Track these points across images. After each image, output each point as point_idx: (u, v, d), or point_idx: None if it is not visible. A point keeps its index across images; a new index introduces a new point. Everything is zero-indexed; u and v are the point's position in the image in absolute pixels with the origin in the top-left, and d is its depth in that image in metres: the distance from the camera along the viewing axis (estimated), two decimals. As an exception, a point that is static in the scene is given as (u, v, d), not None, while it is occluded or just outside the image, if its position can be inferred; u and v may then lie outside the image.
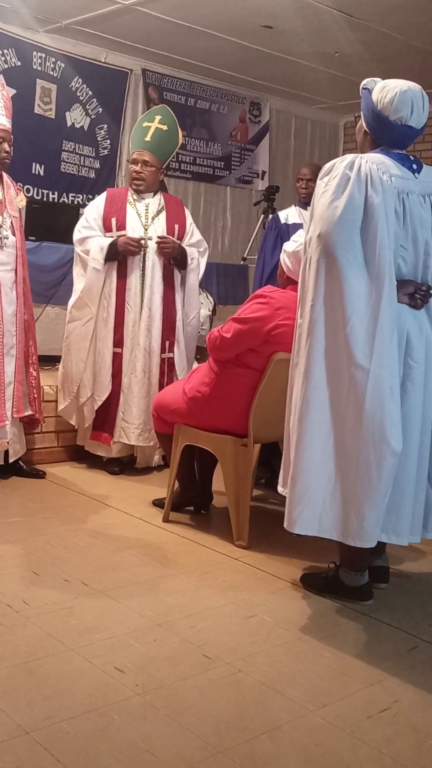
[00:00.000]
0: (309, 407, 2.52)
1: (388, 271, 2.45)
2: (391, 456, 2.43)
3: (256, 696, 2.11)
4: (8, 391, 3.92)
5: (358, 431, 2.45)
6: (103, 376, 4.23)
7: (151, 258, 4.22)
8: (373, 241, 2.45)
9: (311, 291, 2.51)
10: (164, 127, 4.29)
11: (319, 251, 2.47)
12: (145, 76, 7.09)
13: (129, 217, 4.24)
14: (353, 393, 2.46)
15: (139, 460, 4.39)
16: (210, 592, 2.79)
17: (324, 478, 2.53)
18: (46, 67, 6.36)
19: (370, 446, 2.44)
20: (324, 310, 2.50)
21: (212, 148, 7.74)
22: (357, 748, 1.90)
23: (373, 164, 2.49)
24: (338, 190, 2.46)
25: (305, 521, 2.55)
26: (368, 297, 2.45)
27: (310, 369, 2.52)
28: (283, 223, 5.43)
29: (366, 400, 2.43)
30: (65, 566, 2.95)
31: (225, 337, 3.20)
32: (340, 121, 8.80)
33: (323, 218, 2.46)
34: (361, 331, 2.44)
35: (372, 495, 2.46)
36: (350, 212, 2.43)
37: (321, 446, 2.52)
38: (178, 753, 1.84)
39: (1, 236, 3.88)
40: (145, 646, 2.35)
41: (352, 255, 2.44)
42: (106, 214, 4.25)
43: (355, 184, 2.45)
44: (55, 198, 6.47)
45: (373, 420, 2.43)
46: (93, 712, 1.99)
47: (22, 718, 1.94)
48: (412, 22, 5.62)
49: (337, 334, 2.48)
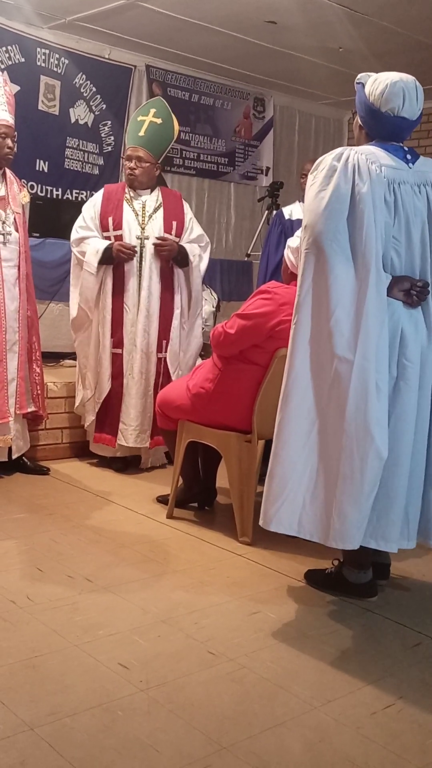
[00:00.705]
0: (289, 399, 2.48)
1: (375, 261, 2.39)
2: (376, 456, 2.36)
3: (260, 692, 2.11)
4: (11, 388, 3.92)
5: (341, 426, 2.39)
6: (102, 377, 4.22)
7: (148, 258, 4.17)
8: (360, 230, 2.41)
9: (299, 282, 2.49)
10: (158, 120, 4.22)
11: (306, 242, 2.46)
12: (149, 72, 7.07)
13: (125, 215, 4.19)
14: (336, 386, 2.41)
15: (144, 459, 4.37)
16: (214, 588, 2.79)
17: (304, 474, 2.48)
18: (50, 63, 6.35)
19: (353, 441, 2.37)
20: (311, 300, 2.46)
21: (216, 144, 7.73)
22: (361, 744, 1.90)
23: (361, 155, 2.46)
24: (324, 181, 2.44)
25: (282, 519, 2.50)
26: (354, 288, 2.40)
27: (293, 360, 2.48)
28: (287, 219, 5.41)
29: (350, 393, 2.37)
30: (69, 562, 2.95)
31: (229, 333, 3.20)
32: (344, 117, 8.78)
33: (309, 209, 2.45)
34: (346, 323, 2.39)
35: (354, 494, 2.38)
36: (336, 202, 2.41)
37: (301, 441, 2.47)
38: (182, 749, 1.84)
39: (4, 232, 3.88)
40: (149, 642, 2.35)
41: (338, 245, 2.41)
42: (103, 213, 4.21)
43: (342, 174, 2.42)
44: (59, 194, 6.46)
45: (357, 414, 2.37)
46: (97, 708, 1.99)
47: (26, 714, 1.95)
48: (415, 17, 5.60)
49: (321, 325, 2.43)
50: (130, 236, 4.17)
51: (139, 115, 4.30)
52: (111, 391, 4.21)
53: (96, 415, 4.27)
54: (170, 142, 4.36)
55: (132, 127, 4.31)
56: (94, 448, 4.38)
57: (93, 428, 4.34)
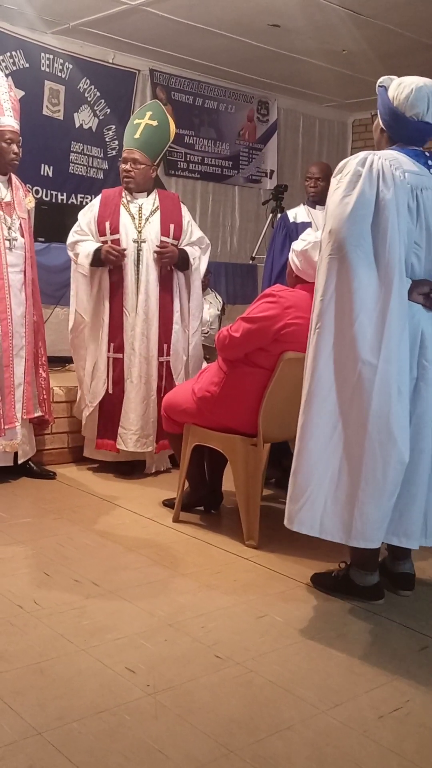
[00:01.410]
0: (312, 401, 2.50)
1: (398, 267, 2.43)
2: (398, 459, 2.41)
3: (267, 696, 2.11)
4: (18, 393, 3.93)
5: (364, 429, 2.43)
6: (97, 383, 4.21)
7: (145, 261, 4.16)
8: (384, 236, 2.44)
9: (321, 286, 2.51)
10: (154, 122, 4.21)
11: (330, 247, 2.47)
12: (153, 76, 7.09)
13: (122, 219, 4.18)
14: (359, 389, 2.43)
15: (148, 464, 4.36)
16: (220, 592, 2.79)
17: (326, 476, 2.51)
18: (54, 68, 6.37)
19: (375, 443, 2.42)
20: (333, 305, 2.49)
21: (220, 148, 7.74)
22: (368, 748, 1.90)
23: (385, 160, 2.48)
24: (349, 187, 2.45)
25: (305, 519, 2.53)
26: (377, 292, 2.44)
27: (316, 363, 2.51)
28: (291, 222, 5.41)
29: (373, 396, 2.41)
30: (76, 567, 2.95)
31: (234, 337, 3.20)
32: (349, 119, 8.78)
33: (334, 214, 2.46)
34: (370, 327, 2.42)
35: (376, 495, 2.43)
36: (361, 208, 2.43)
37: (324, 442, 2.50)
38: (189, 753, 1.84)
39: (10, 238, 3.89)
40: (155, 646, 2.35)
41: (362, 251, 2.43)
42: (101, 218, 4.20)
43: (366, 180, 2.44)
44: (63, 199, 6.48)
45: (380, 417, 2.41)
46: (104, 712, 1.99)
47: (33, 718, 1.95)
48: (419, 18, 5.60)
49: (344, 329, 2.46)
50: (126, 240, 4.15)
51: (136, 118, 4.30)
52: (113, 397, 4.20)
53: (98, 421, 4.26)
54: (167, 144, 4.35)
55: (128, 130, 4.30)
56: (93, 453, 4.36)
57: (90, 433, 4.34)
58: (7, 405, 3.86)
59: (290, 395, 3.30)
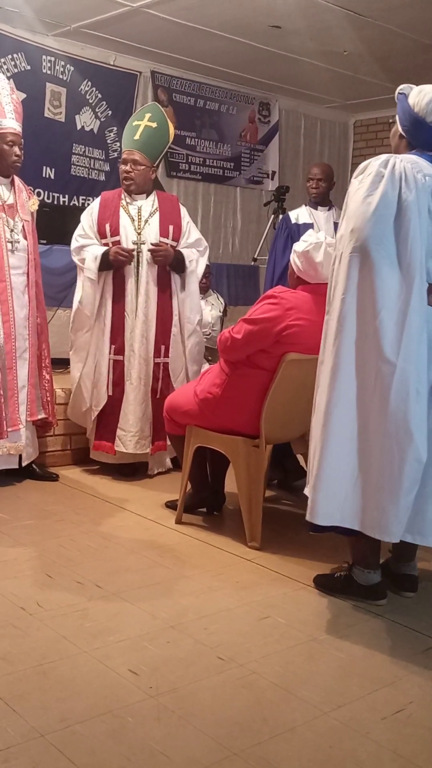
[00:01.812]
0: (336, 402, 2.52)
1: (419, 269, 2.46)
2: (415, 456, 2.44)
3: (270, 697, 2.11)
4: (22, 395, 3.94)
5: (382, 425, 2.47)
6: (101, 386, 4.21)
7: (144, 263, 4.17)
8: (405, 238, 2.46)
9: (342, 285, 2.52)
10: (154, 124, 4.22)
11: (352, 246, 2.48)
12: (154, 78, 7.10)
13: (122, 221, 4.19)
14: (379, 387, 2.47)
15: (150, 466, 4.36)
16: (223, 593, 2.79)
17: (347, 471, 2.54)
18: (56, 70, 6.38)
19: (393, 440, 2.45)
20: (355, 303, 2.50)
21: (222, 149, 7.74)
22: (371, 750, 1.90)
23: (407, 163, 2.51)
24: (372, 187, 2.47)
25: (327, 513, 2.56)
26: (399, 292, 2.46)
27: (339, 362, 2.52)
28: (293, 223, 5.42)
29: (391, 395, 2.44)
30: (78, 568, 2.95)
31: (236, 338, 3.20)
32: (350, 120, 8.78)
33: (357, 214, 2.48)
34: (390, 325, 2.45)
35: (394, 490, 2.46)
36: (384, 208, 2.45)
37: (347, 440, 2.53)
38: (191, 755, 1.85)
39: (13, 240, 3.89)
40: (158, 648, 2.35)
41: (384, 250, 2.45)
42: (100, 220, 4.22)
43: (389, 181, 2.47)
44: (65, 201, 6.49)
45: (397, 414, 2.44)
46: (107, 714, 1.99)
47: (36, 721, 1.95)
48: (420, 19, 5.60)
49: (366, 327, 2.49)
50: (127, 242, 4.17)
51: (135, 120, 4.30)
52: (112, 398, 4.21)
53: (96, 423, 4.27)
54: (166, 146, 4.36)
55: (127, 131, 4.30)
56: (95, 455, 4.37)
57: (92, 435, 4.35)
58: (10, 407, 3.87)
59: (292, 397, 3.30)
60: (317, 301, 3.24)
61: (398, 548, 2.84)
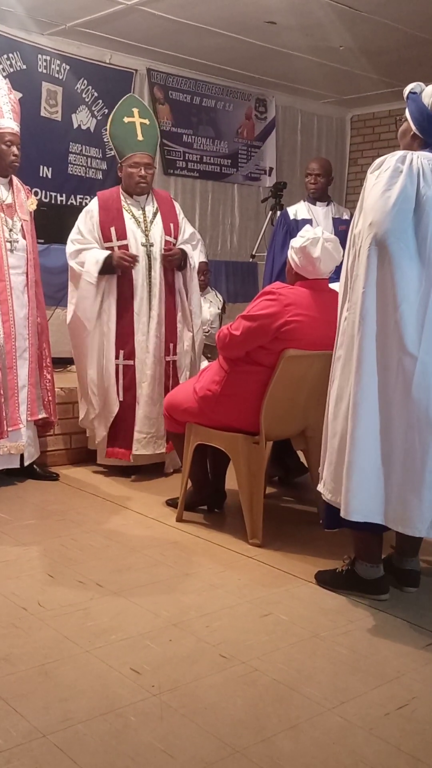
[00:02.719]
0: (363, 396, 2.52)
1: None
2: None
3: (273, 695, 2.10)
4: (22, 395, 3.93)
5: (405, 417, 2.48)
6: (111, 393, 4.18)
7: (156, 265, 4.16)
8: (425, 233, 2.47)
9: (362, 279, 2.52)
10: (146, 120, 4.19)
11: (371, 239, 2.48)
12: (150, 75, 7.08)
13: (128, 224, 4.15)
14: (401, 379, 2.48)
15: (166, 464, 4.34)
16: (225, 591, 2.79)
17: (374, 466, 2.55)
18: (51, 69, 6.37)
19: (415, 433, 2.47)
20: (376, 297, 2.51)
21: (219, 146, 7.73)
22: (375, 746, 1.89)
23: (424, 159, 2.52)
24: (390, 182, 2.48)
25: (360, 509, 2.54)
26: (418, 285, 2.47)
27: (363, 357, 2.52)
28: (291, 219, 5.41)
29: (413, 386, 2.45)
30: (80, 568, 2.95)
31: (234, 335, 3.19)
32: (347, 115, 8.76)
33: (375, 208, 2.48)
34: (411, 318, 2.46)
35: (416, 482, 2.48)
36: (403, 202, 2.46)
37: (372, 435, 2.54)
38: (195, 753, 1.84)
39: (11, 240, 3.88)
40: (161, 646, 2.35)
41: (404, 243, 2.46)
42: (103, 223, 4.15)
43: (408, 176, 2.47)
44: (63, 200, 6.48)
45: (419, 406, 2.46)
46: (110, 713, 1.99)
47: (39, 721, 1.95)
48: (414, 13, 5.59)
49: (387, 321, 2.49)
50: (136, 245, 4.14)
51: (124, 116, 4.18)
52: (123, 404, 4.17)
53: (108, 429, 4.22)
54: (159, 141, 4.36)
55: (122, 130, 4.18)
56: (105, 461, 4.34)
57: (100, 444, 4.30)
58: (11, 407, 3.86)
59: (292, 393, 3.30)
60: (316, 297, 3.23)
61: (401, 543, 2.84)
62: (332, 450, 2.67)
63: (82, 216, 4.27)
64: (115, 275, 4.12)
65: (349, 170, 8.76)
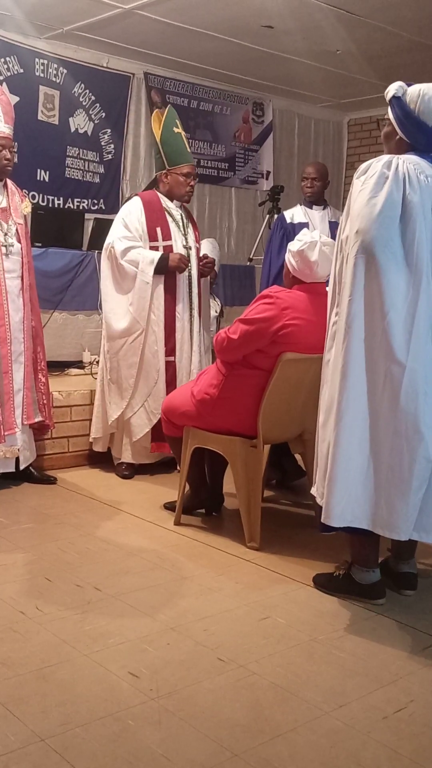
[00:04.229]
0: (348, 404, 2.52)
1: (425, 269, 2.46)
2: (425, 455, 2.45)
3: (271, 698, 2.10)
4: (18, 399, 3.93)
5: (392, 424, 2.48)
6: (159, 389, 4.25)
7: (194, 267, 4.38)
8: (411, 239, 2.46)
9: (349, 287, 2.52)
10: (186, 134, 4.48)
11: (357, 247, 2.48)
12: (148, 79, 7.09)
13: (170, 226, 4.33)
14: (389, 387, 2.48)
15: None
16: (223, 594, 2.78)
17: (359, 472, 2.55)
18: (49, 73, 6.37)
19: (403, 440, 2.47)
20: (363, 305, 2.51)
21: (216, 150, 7.73)
22: (373, 749, 1.89)
23: (410, 164, 2.51)
24: (376, 188, 2.47)
25: (342, 514, 2.56)
26: (406, 293, 2.47)
27: (349, 365, 2.52)
28: (288, 222, 5.40)
29: (401, 394, 2.45)
30: (77, 572, 2.95)
31: (232, 339, 3.19)
32: (344, 119, 8.77)
33: (361, 215, 2.47)
34: (399, 326, 2.46)
35: (403, 488, 2.48)
36: (389, 209, 2.45)
37: (358, 441, 2.54)
38: (193, 757, 1.84)
39: (6, 244, 3.88)
40: (158, 650, 2.35)
41: (390, 251, 2.46)
42: (150, 223, 4.29)
43: (393, 182, 2.47)
44: (60, 204, 6.47)
45: (407, 414, 2.45)
46: (108, 717, 1.99)
47: (36, 725, 1.94)
48: (413, 17, 5.60)
49: (374, 328, 2.49)
50: (177, 246, 4.31)
51: (172, 125, 4.40)
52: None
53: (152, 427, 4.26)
54: None
55: (173, 139, 4.38)
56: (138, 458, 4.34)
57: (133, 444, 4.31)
58: (6, 411, 3.86)
59: (289, 396, 3.30)
60: (313, 301, 3.23)
61: (397, 546, 2.84)
62: (322, 455, 2.68)
63: (125, 215, 4.32)
64: (163, 275, 4.24)
65: (346, 174, 8.77)
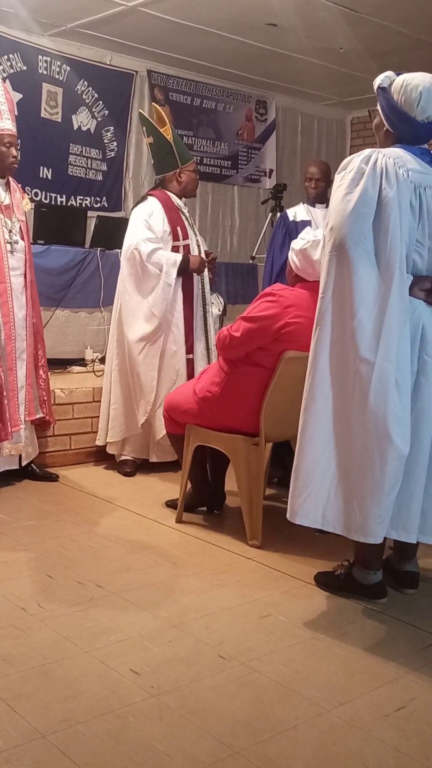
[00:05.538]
0: (313, 398, 2.52)
1: (398, 265, 2.44)
2: (395, 455, 2.42)
3: (272, 696, 2.11)
4: (21, 395, 3.93)
5: (362, 425, 2.45)
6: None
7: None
8: (385, 235, 2.44)
9: (322, 283, 2.52)
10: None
11: (331, 244, 2.47)
12: (151, 77, 7.08)
13: (186, 225, 4.37)
14: (358, 386, 2.45)
15: None
16: (224, 592, 2.79)
17: (329, 470, 2.53)
18: (52, 70, 6.37)
19: (373, 440, 2.43)
20: (333, 302, 2.50)
21: (219, 148, 7.73)
22: (374, 747, 1.89)
23: (390, 158, 2.49)
24: (352, 184, 2.46)
25: (308, 512, 2.56)
26: (377, 290, 2.44)
27: (316, 360, 2.53)
28: (291, 220, 5.41)
29: (370, 393, 2.42)
30: (79, 569, 2.95)
31: (234, 336, 3.20)
32: (347, 117, 8.76)
33: (336, 211, 2.47)
34: (369, 324, 2.43)
35: (375, 490, 2.45)
36: (362, 206, 2.43)
37: (324, 438, 2.52)
38: (194, 754, 1.84)
39: (11, 241, 3.88)
40: (160, 647, 2.35)
41: (363, 248, 2.44)
42: (172, 222, 4.31)
43: (370, 177, 2.45)
44: (62, 201, 6.47)
45: (377, 414, 2.42)
46: (109, 714, 1.99)
47: (38, 721, 1.95)
48: (416, 15, 5.59)
49: (344, 326, 2.48)
50: (193, 245, 4.36)
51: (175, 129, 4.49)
52: None
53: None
54: None
55: (178, 138, 4.48)
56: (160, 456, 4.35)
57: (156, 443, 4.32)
58: (11, 408, 3.86)
59: (291, 394, 3.29)
60: (315, 299, 3.22)
61: (400, 546, 2.84)
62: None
63: (146, 216, 4.28)
64: (182, 277, 4.28)
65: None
